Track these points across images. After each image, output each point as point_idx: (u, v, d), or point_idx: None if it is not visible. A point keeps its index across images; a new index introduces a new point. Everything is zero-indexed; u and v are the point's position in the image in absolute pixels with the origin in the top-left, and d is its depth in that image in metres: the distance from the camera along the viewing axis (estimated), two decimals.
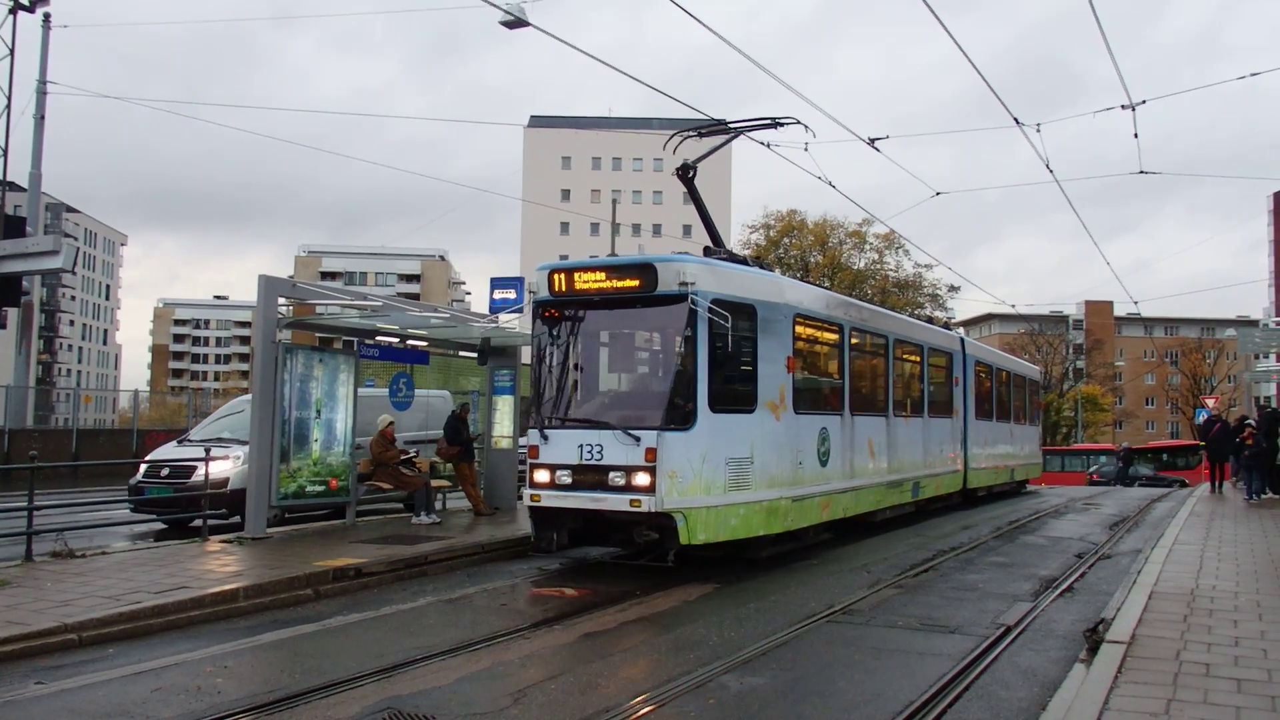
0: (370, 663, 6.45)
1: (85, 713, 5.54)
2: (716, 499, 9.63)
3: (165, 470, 13.70)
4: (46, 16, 24.46)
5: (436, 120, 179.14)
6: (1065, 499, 21.91)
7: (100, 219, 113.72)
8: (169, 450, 14.70)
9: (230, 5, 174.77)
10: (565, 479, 9.77)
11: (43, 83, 24.72)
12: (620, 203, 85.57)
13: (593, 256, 11.63)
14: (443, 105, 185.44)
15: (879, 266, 53.86)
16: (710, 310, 9.45)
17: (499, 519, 13.86)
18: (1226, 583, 8.79)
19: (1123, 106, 14.14)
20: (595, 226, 69.50)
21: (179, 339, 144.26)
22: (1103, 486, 34.36)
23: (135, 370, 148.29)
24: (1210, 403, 36.54)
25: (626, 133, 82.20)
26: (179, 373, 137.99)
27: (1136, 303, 59.24)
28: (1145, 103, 14.46)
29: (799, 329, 11.31)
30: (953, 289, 53.60)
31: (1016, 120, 14.22)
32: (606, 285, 10.06)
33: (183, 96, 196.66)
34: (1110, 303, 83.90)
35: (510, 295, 14.68)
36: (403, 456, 13.52)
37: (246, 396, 17.37)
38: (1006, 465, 21.48)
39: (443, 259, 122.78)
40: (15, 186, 30.16)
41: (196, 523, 13.40)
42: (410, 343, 14.65)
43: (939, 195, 19.89)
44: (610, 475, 9.50)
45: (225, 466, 12.77)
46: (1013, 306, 33.71)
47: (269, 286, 11.90)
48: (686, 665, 6.45)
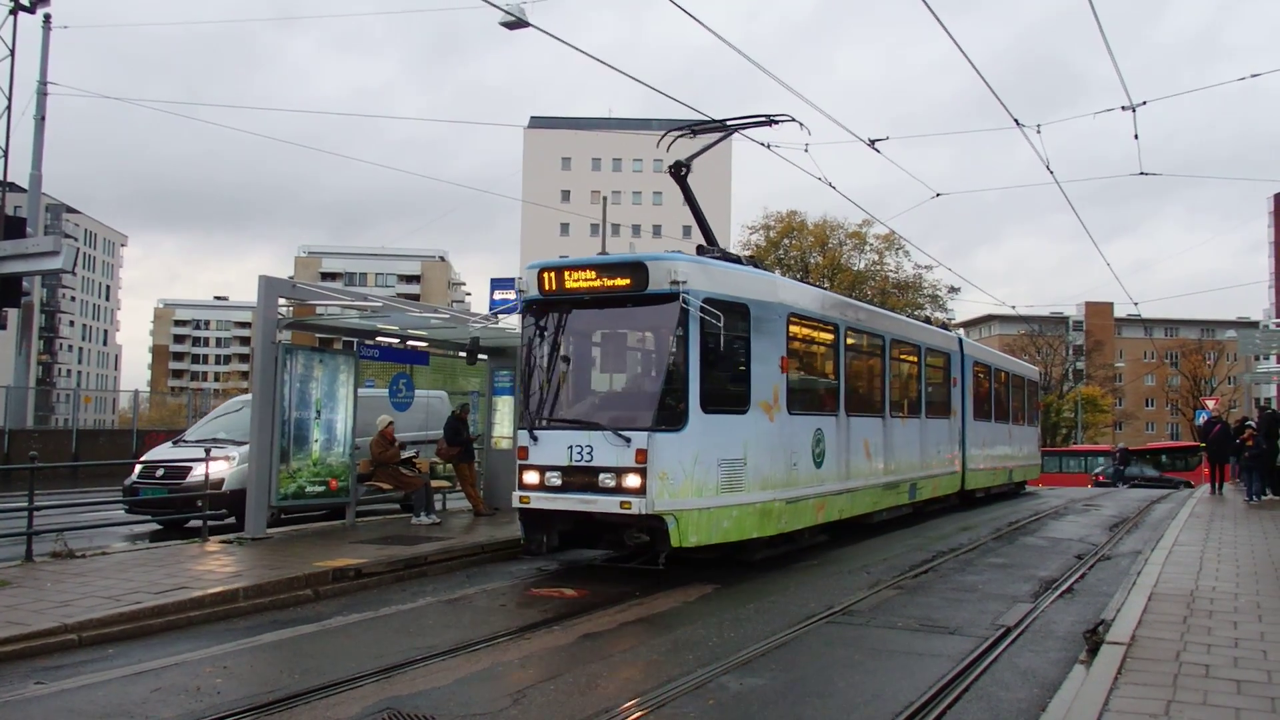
0: (370, 663, 6.46)
1: (85, 713, 5.54)
2: (708, 501, 9.48)
3: (160, 471, 13.67)
4: (47, 17, 24.50)
5: (436, 121, 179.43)
6: (1065, 500, 21.89)
7: (100, 219, 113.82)
8: (164, 451, 14.68)
9: (230, 5, 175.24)
10: (555, 480, 9.61)
11: (43, 83, 24.74)
12: (620, 203, 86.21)
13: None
14: (443, 105, 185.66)
15: (879, 267, 53.92)
16: (702, 309, 9.30)
17: (499, 520, 13.86)
18: (1226, 584, 8.79)
19: (1123, 107, 14.17)
20: (595, 227, 69.36)
21: (179, 339, 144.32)
22: (1108, 487, 34.38)
23: (135, 371, 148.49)
24: (1210, 404, 36.58)
25: (627, 133, 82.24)
26: (179, 373, 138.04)
27: (1137, 304, 59.21)
28: (1145, 104, 14.48)
29: (793, 329, 11.17)
30: (953, 290, 53.70)
31: (1017, 121, 14.24)
32: (597, 284, 9.90)
33: (183, 97, 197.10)
34: (1110, 304, 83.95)
35: (510, 296, 14.77)
36: (402, 456, 13.53)
37: (242, 397, 17.41)
38: (1005, 466, 21.40)
39: (443, 260, 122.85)
40: (15, 187, 30.17)
41: (191, 523, 13.46)
42: (410, 343, 14.68)
43: (939, 196, 19.93)
44: (600, 477, 9.33)
45: (221, 467, 12.76)
46: (1013, 308, 33.70)
47: (269, 287, 11.92)
48: (686, 666, 6.45)
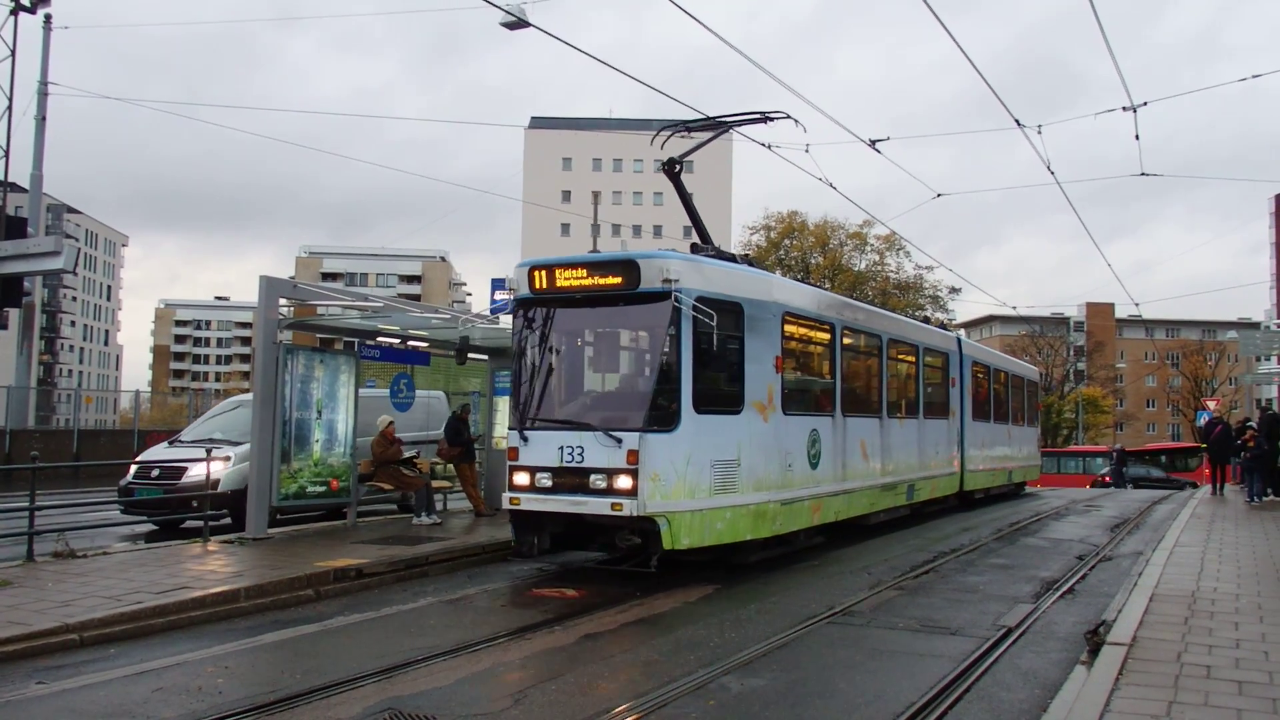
0: (371, 663, 6.46)
1: (86, 713, 5.54)
2: (701, 502, 9.36)
3: (155, 471, 13.64)
4: (47, 18, 24.45)
5: (436, 121, 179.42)
6: (1066, 501, 21.87)
7: (101, 220, 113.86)
8: (159, 451, 14.64)
9: (230, 6, 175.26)
10: (545, 482, 9.49)
11: (44, 84, 24.71)
12: (621, 204, 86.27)
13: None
14: (443, 106, 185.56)
15: (880, 268, 53.90)
16: (694, 308, 9.18)
17: (500, 520, 13.82)
18: (1228, 585, 8.79)
19: (1124, 108, 14.15)
20: (595, 228, 69.54)
21: (180, 340, 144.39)
22: (1113, 488, 34.47)
23: (136, 371, 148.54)
24: (1212, 405, 36.55)
25: (627, 134, 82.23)
26: (180, 373, 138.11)
27: (1138, 304, 59.26)
28: (1146, 104, 14.46)
29: (788, 328, 11.08)
30: (954, 290, 53.68)
31: (1018, 121, 14.23)
32: (588, 282, 9.77)
33: (183, 97, 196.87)
34: (1111, 304, 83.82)
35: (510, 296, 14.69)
36: (403, 456, 13.54)
37: (237, 397, 17.52)
38: (1004, 467, 21.32)
39: (443, 260, 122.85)
40: (17, 187, 30.18)
41: (188, 524, 13.46)
42: (411, 344, 14.67)
43: (940, 196, 19.92)
44: (591, 478, 9.22)
45: (216, 467, 12.65)
46: (1014, 308, 33.65)
47: (270, 287, 11.92)
48: (687, 667, 6.45)
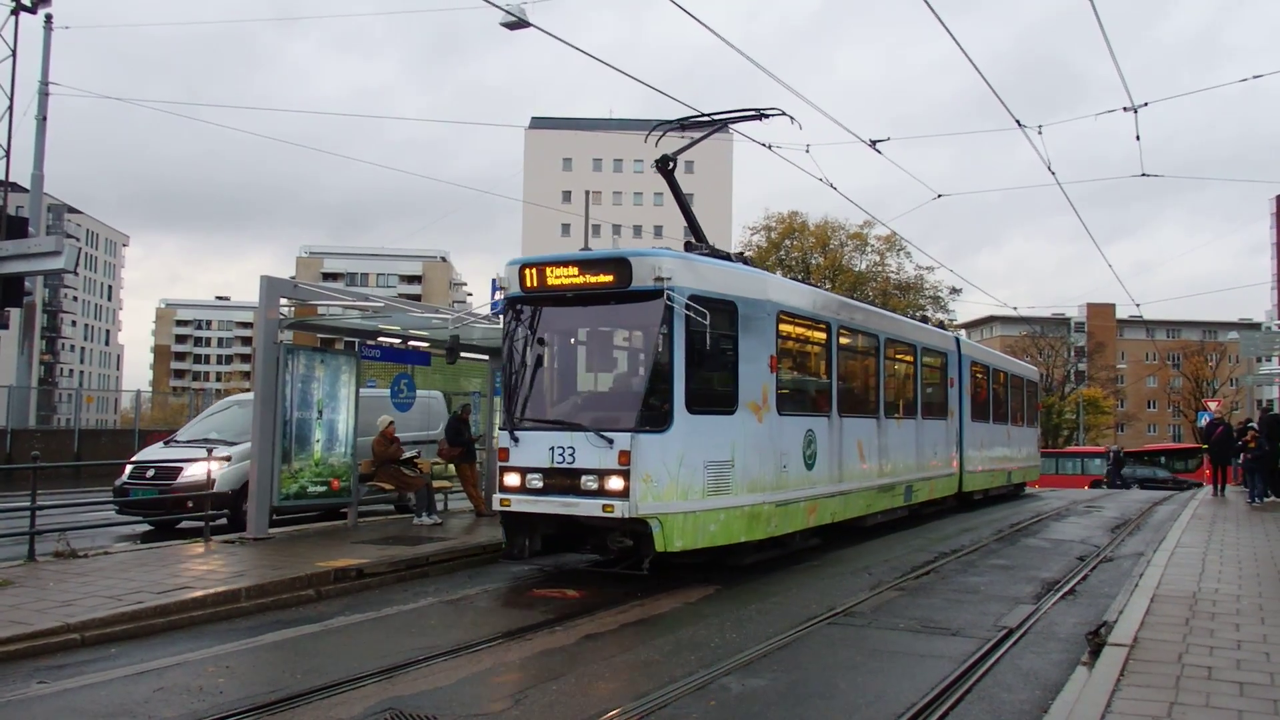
0: (372, 663, 6.46)
1: (87, 712, 5.55)
2: (694, 504, 9.24)
3: (151, 472, 13.60)
4: (48, 17, 24.44)
5: (437, 121, 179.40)
6: (1066, 502, 21.86)
7: (102, 220, 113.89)
8: (154, 451, 14.60)
9: (230, 6, 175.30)
10: (536, 483, 9.37)
11: (45, 84, 24.71)
12: (621, 204, 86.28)
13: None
14: (443, 106, 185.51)
15: (880, 268, 53.92)
16: (687, 307, 9.06)
17: (500, 520, 13.83)
18: (1229, 586, 8.79)
19: (1125, 109, 14.14)
20: (596, 228, 69.55)
21: (181, 340, 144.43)
22: (1119, 489, 34.50)
23: (137, 371, 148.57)
24: (1213, 406, 36.52)
25: (628, 134, 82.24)
26: (181, 373, 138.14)
27: (1139, 305, 59.09)
28: (1147, 105, 14.45)
29: (783, 327, 10.97)
30: (954, 291, 53.67)
31: (1019, 122, 14.23)
32: (579, 281, 9.63)
33: (183, 97, 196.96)
34: (1112, 305, 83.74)
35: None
36: (404, 455, 13.54)
37: (232, 397, 17.57)
38: (1004, 468, 21.25)
39: (444, 260, 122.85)
40: (17, 187, 30.18)
41: (184, 524, 13.40)
42: (411, 344, 14.67)
43: (941, 197, 19.91)
44: (583, 479, 9.09)
45: (213, 467, 12.61)
46: (1014, 309, 33.61)
47: (271, 287, 11.93)
48: (687, 667, 6.45)
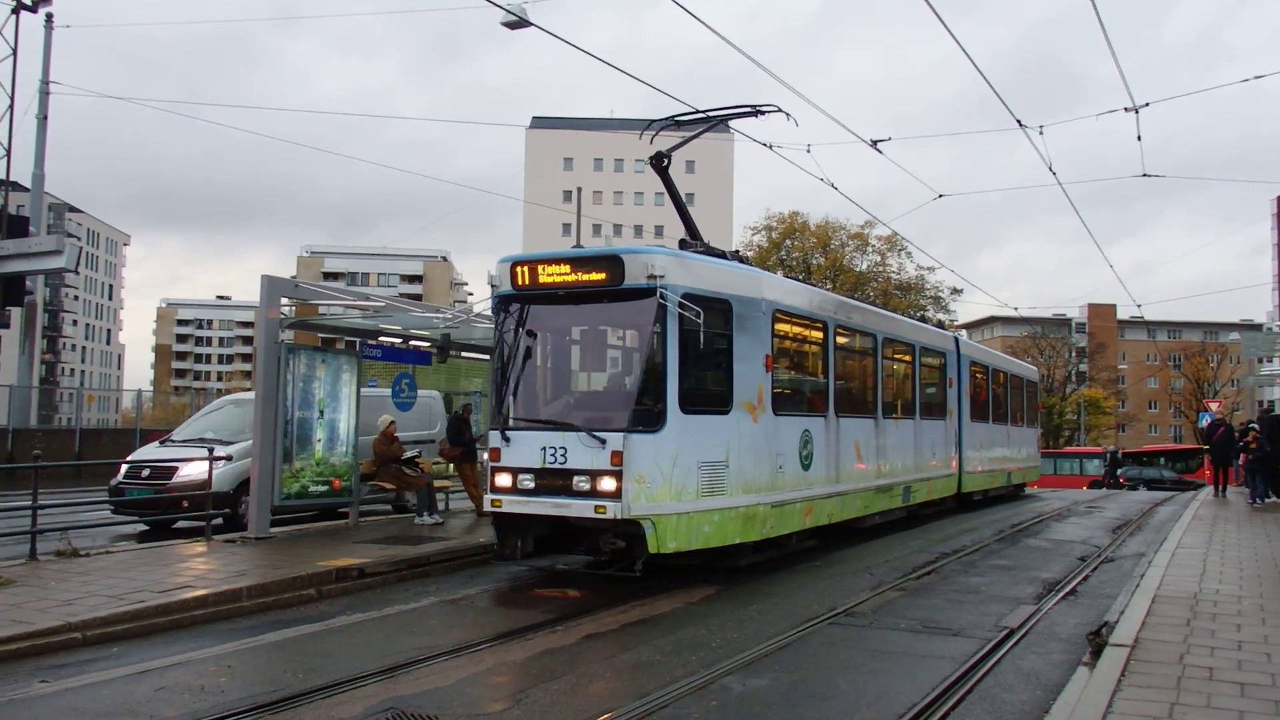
0: (373, 663, 6.47)
1: (89, 711, 5.55)
2: (688, 505, 9.14)
3: (146, 471, 13.55)
4: (49, 16, 24.43)
5: (438, 121, 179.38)
6: (1067, 502, 21.85)
7: (102, 219, 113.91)
8: (150, 451, 14.57)
9: (230, 6, 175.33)
10: (528, 483, 9.27)
11: (45, 83, 24.72)
12: (622, 204, 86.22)
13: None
14: (443, 106, 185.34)
15: (882, 269, 53.89)
16: (681, 305, 8.97)
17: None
18: (1230, 587, 8.78)
19: (1126, 109, 14.13)
20: (597, 227, 69.56)
21: (182, 339, 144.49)
22: (1129, 490, 34.54)
23: (138, 370, 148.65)
24: (1214, 406, 36.52)
25: (629, 134, 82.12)
26: (182, 373, 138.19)
27: (1140, 306, 59.17)
28: (1149, 105, 14.45)
29: (779, 326, 10.88)
30: (955, 291, 53.61)
31: (1020, 122, 14.21)
32: (571, 278, 9.53)
33: (183, 97, 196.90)
34: (1113, 306, 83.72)
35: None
36: (405, 455, 13.54)
37: (229, 396, 17.63)
38: (1003, 469, 21.18)
39: (445, 260, 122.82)
40: (18, 186, 30.20)
41: (179, 524, 13.38)
42: (413, 343, 14.67)
43: (941, 197, 19.89)
44: (575, 480, 9.00)
45: (207, 467, 12.65)
46: (1015, 309, 33.58)
47: (272, 287, 11.93)
48: (688, 667, 6.45)
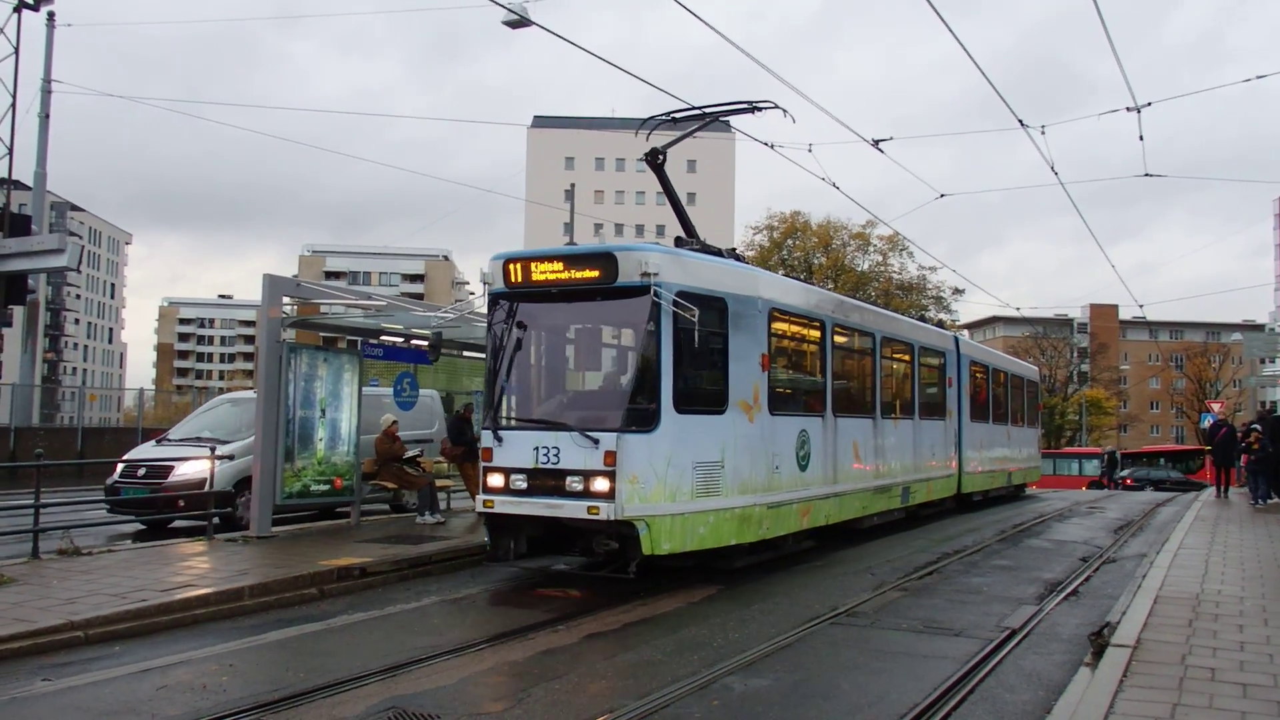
0: (375, 662, 6.47)
1: (91, 710, 5.56)
2: (682, 506, 9.04)
3: (142, 470, 13.49)
4: (51, 15, 24.39)
5: (439, 120, 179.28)
6: (1068, 503, 21.83)
7: (104, 218, 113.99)
8: (146, 450, 14.50)
9: (231, 5, 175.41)
10: (520, 484, 9.17)
11: (47, 81, 24.72)
12: (624, 203, 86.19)
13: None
14: (443, 106, 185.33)
15: (883, 269, 53.81)
16: (675, 303, 8.86)
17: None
18: (1232, 587, 8.77)
19: (1128, 109, 14.11)
20: (598, 227, 69.62)
21: (184, 338, 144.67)
22: (1137, 490, 34.52)
23: (140, 369, 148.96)
24: (1216, 407, 36.49)
25: (629, 133, 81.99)
26: (184, 371, 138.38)
27: (1142, 306, 58.96)
28: (1150, 105, 14.43)
29: (776, 325, 10.79)
30: (957, 291, 53.54)
31: (1021, 122, 14.18)
32: (564, 276, 9.43)
33: (183, 97, 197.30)
34: (1115, 306, 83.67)
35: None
36: (407, 454, 13.55)
37: (225, 395, 17.62)
38: (1004, 469, 21.10)
39: (446, 259, 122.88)
40: (20, 185, 30.23)
41: (176, 523, 13.36)
42: (414, 342, 14.67)
43: (943, 197, 19.87)
44: (568, 480, 8.89)
45: (203, 466, 12.58)
46: (1017, 309, 33.54)
47: (273, 286, 11.93)
48: (690, 666, 6.45)
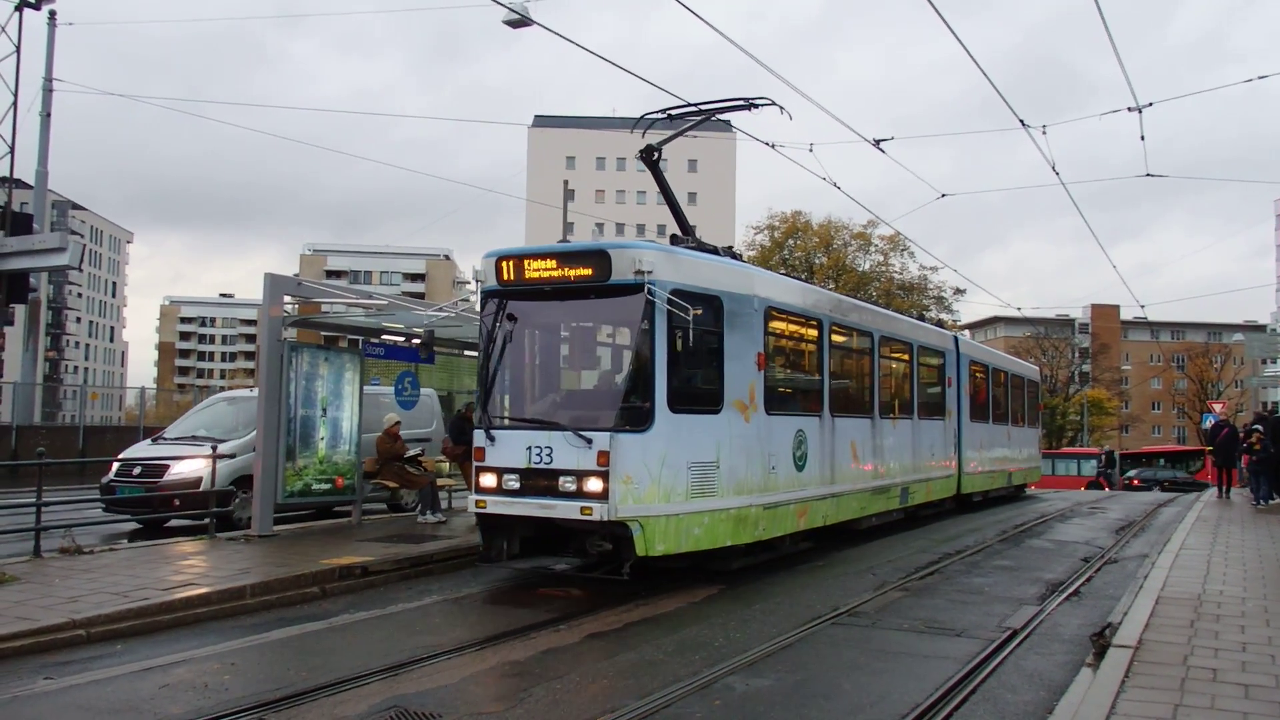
0: (376, 661, 6.48)
1: (94, 708, 5.56)
2: (677, 507, 8.93)
3: (137, 469, 13.48)
4: (52, 14, 24.38)
5: (440, 119, 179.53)
6: (1069, 503, 21.82)
7: (106, 217, 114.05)
8: (142, 449, 14.50)
9: (232, 5, 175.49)
10: (513, 484, 9.08)
11: (49, 80, 24.72)
12: (625, 203, 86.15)
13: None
14: (444, 106, 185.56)
15: (884, 268, 53.76)
16: (669, 301, 8.75)
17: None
18: (1234, 588, 8.77)
19: (1129, 109, 14.10)
20: (600, 226, 69.62)
21: (185, 337, 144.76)
22: (1143, 491, 34.53)
23: (142, 368, 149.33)
24: (1218, 408, 36.46)
25: (630, 133, 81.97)
26: (185, 370, 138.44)
27: (1143, 306, 59.01)
28: (1152, 105, 14.41)
29: (772, 323, 10.69)
30: (959, 291, 53.49)
31: (1023, 122, 14.17)
32: (557, 274, 9.31)
33: (184, 96, 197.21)
34: (1116, 306, 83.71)
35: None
36: (408, 453, 13.55)
37: (222, 394, 17.61)
38: (1004, 469, 21.02)
39: (447, 258, 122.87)
40: (22, 184, 30.26)
41: (172, 522, 13.33)
42: (415, 341, 14.66)
43: (944, 197, 19.86)
44: (561, 480, 8.81)
45: (200, 465, 12.49)
46: (1019, 310, 33.52)
47: (274, 285, 11.93)
48: (691, 666, 6.45)
